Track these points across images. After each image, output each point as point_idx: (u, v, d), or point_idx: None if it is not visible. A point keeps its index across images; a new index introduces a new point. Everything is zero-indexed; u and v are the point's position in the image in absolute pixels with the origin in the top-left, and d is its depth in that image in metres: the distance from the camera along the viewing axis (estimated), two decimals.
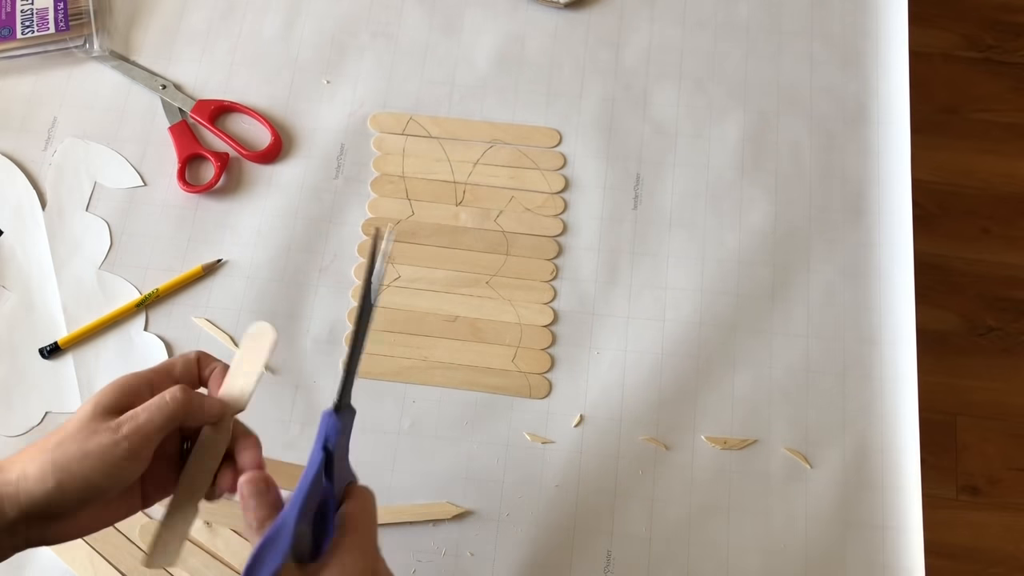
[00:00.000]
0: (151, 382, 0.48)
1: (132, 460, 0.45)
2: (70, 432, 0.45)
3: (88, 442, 0.44)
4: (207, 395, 0.49)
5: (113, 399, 0.46)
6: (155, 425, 0.46)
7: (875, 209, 0.72)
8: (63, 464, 0.43)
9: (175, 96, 0.75)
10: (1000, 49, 1.47)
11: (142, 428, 0.45)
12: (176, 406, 0.46)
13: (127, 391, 0.47)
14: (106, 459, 0.44)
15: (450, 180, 0.73)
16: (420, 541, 0.63)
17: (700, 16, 0.78)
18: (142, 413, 0.46)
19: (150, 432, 0.45)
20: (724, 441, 0.66)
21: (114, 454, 0.44)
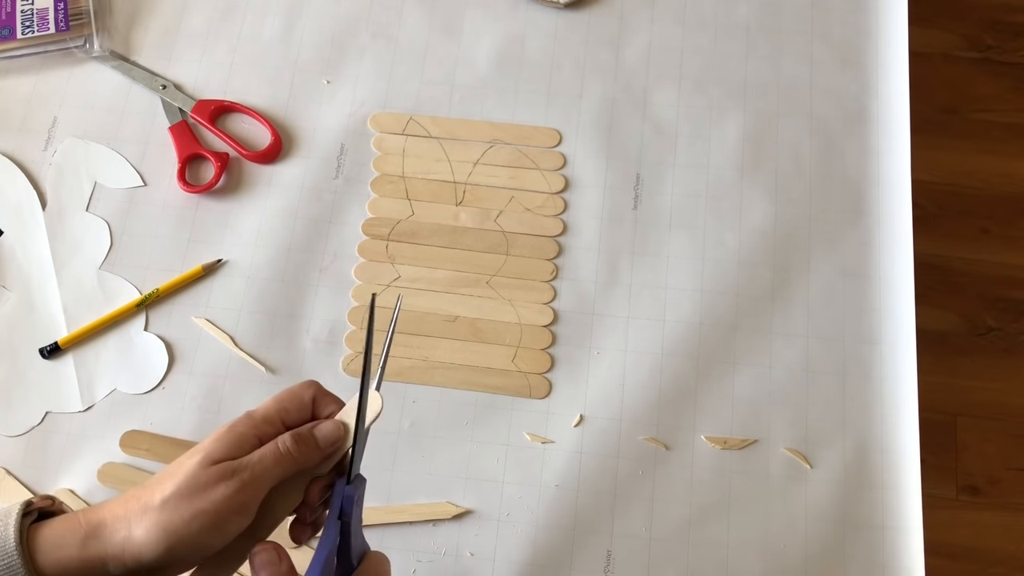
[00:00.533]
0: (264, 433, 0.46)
1: (243, 515, 0.44)
2: (178, 487, 0.43)
3: (199, 500, 0.42)
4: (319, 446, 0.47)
5: (224, 451, 0.44)
6: (270, 479, 0.44)
7: (875, 209, 0.72)
8: (174, 530, 0.42)
9: (175, 96, 0.75)
10: (1000, 49, 1.47)
11: (257, 481, 0.44)
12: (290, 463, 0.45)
13: (241, 443, 0.45)
14: (219, 516, 0.43)
15: (450, 180, 0.73)
16: (420, 541, 0.63)
17: (700, 16, 0.78)
18: (257, 465, 0.44)
19: (264, 486, 0.44)
20: (724, 441, 0.66)
21: (228, 510, 0.43)
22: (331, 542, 0.45)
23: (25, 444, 0.65)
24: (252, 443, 0.45)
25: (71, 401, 0.66)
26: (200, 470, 0.43)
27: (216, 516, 0.42)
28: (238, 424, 0.46)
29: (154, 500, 0.43)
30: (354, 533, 0.46)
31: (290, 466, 0.45)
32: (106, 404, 0.66)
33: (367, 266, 0.70)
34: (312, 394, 0.48)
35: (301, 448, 0.46)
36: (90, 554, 0.42)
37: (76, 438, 0.65)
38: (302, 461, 0.46)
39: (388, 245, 0.71)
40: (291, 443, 0.45)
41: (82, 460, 0.65)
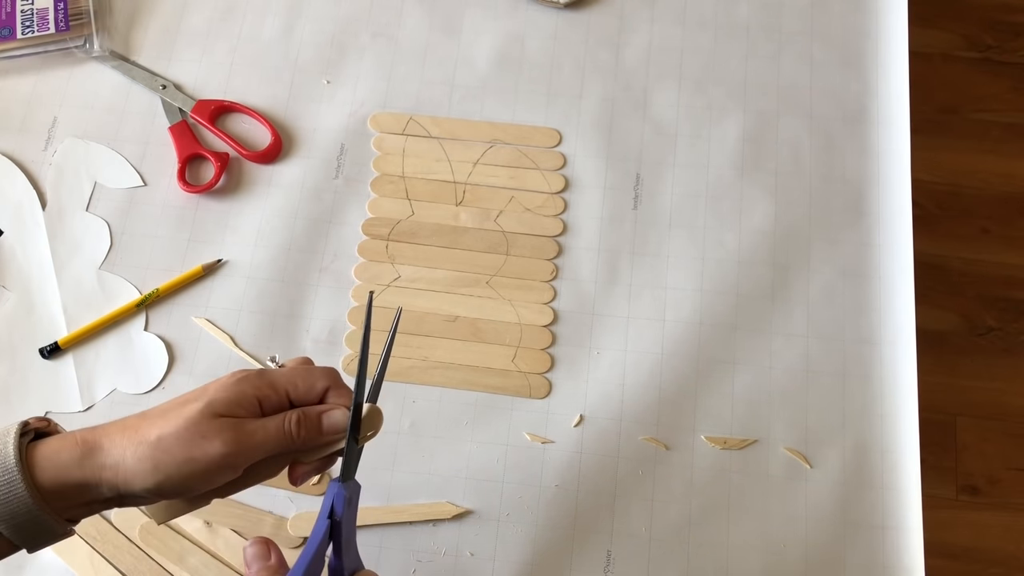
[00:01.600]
0: (265, 396, 0.47)
1: (232, 471, 0.45)
2: (176, 429, 0.44)
3: (194, 447, 0.43)
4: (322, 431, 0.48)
5: (226, 405, 0.45)
6: (266, 451, 0.46)
7: (875, 209, 0.72)
8: (165, 468, 0.43)
9: (175, 96, 0.75)
10: (1000, 49, 1.47)
11: (254, 449, 0.45)
12: (289, 443, 0.46)
13: (241, 400, 0.46)
14: (210, 470, 0.44)
15: (450, 180, 0.73)
16: (420, 541, 0.63)
17: (700, 16, 0.78)
18: (259, 433, 0.45)
19: (258, 455, 0.46)
20: (724, 441, 0.66)
21: (219, 466, 0.44)
22: (318, 539, 0.45)
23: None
24: (252, 404, 0.46)
25: (71, 401, 0.66)
26: (201, 419, 0.44)
27: (206, 468, 0.44)
28: (246, 380, 0.47)
29: (151, 436, 0.44)
30: (346, 542, 0.47)
31: (288, 445, 0.46)
32: (106, 404, 0.66)
33: (367, 266, 0.70)
34: (326, 384, 0.49)
35: (303, 431, 0.47)
36: (85, 473, 0.43)
37: None
38: (301, 443, 0.47)
39: (388, 245, 0.71)
40: (295, 426, 0.46)
41: None
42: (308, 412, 0.47)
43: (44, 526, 0.43)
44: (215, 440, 0.44)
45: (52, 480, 0.43)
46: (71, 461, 0.43)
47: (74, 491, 0.43)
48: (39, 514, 0.42)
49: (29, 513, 0.42)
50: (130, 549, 0.62)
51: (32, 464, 0.43)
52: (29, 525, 0.42)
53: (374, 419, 0.49)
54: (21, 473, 0.42)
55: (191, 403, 0.45)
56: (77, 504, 0.44)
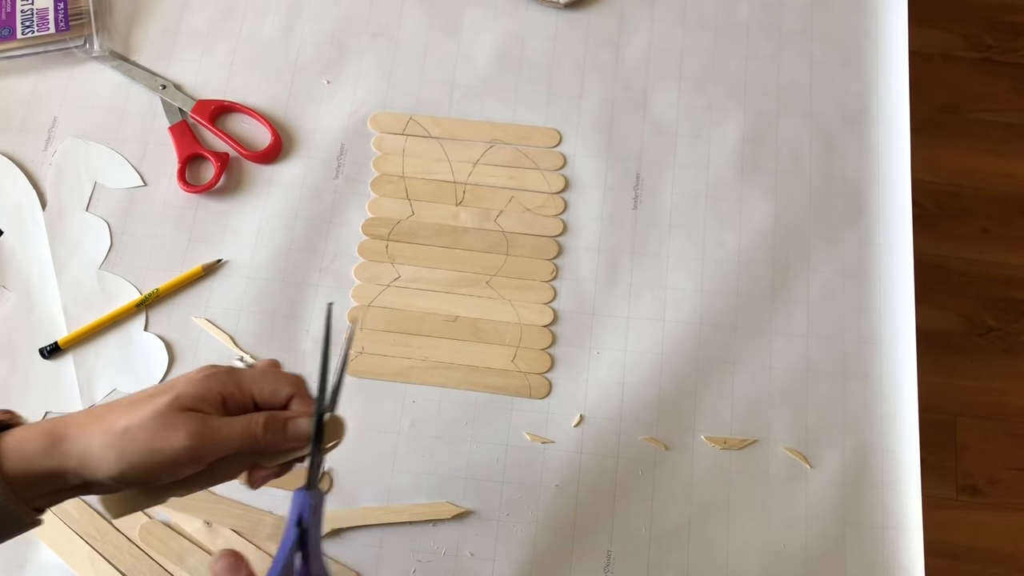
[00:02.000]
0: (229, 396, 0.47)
1: (195, 465, 0.46)
2: (142, 420, 0.45)
3: (159, 440, 0.44)
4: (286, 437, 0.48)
5: (192, 400, 0.46)
6: (229, 448, 0.46)
7: (875, 209, 0.72)
8: (129, 457, 0.44)
9: (175, 96, 0.75)
10: (1000, 49, 1.47)
11: (218, 445, 0.46)
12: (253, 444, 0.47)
13: (207, 396, 0.47)
14: (173, 461, 0.45)
15: (450, 180, 0.73)
16: (420, 541, 0.63)
17: (700, 16, 0.78)
18: (224, 430, 0.46)
19: (222, 451, 0.46)
20: (724, 441, 0.66)
21: (182, 459, 0.45)
22: (287, 549, 0.45)
23: None
24: (217, 400, 0.47)
25: (71, 401, 0.66)
26: (167, 411, 0.45)
27: (170, 459, 0.45)
28: (214, 377, 0.47)
29: (117, 425, 0.45)
30: (313, 550, 0.46)
31: (252, 445, 0.47)
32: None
33: (367, 266, 0.70)
34: (291, 391, 0.49)
35: (268, 435, 0.47)
36: (52, 462, 0.44)
37: None
38: (264, 445, 0.47)
39: (388, 245, 0.71)
40: (261, 428, 0.47)
41: None
42: (275, 417, 0.48)
43: (12, 515, 0.43)
44: (180, 432, 0.44)
45: (18, 469, 0.43)
46: (37, 450, 0.44)
47: (41, 480, 0.44)
48: (6, 503, 0.42)
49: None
50: (130, 549, 0.62)
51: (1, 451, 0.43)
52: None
53: (337, 429, 0.49)
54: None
55: (158, 396, 0.46)
56: (43, 493, 0.45)
